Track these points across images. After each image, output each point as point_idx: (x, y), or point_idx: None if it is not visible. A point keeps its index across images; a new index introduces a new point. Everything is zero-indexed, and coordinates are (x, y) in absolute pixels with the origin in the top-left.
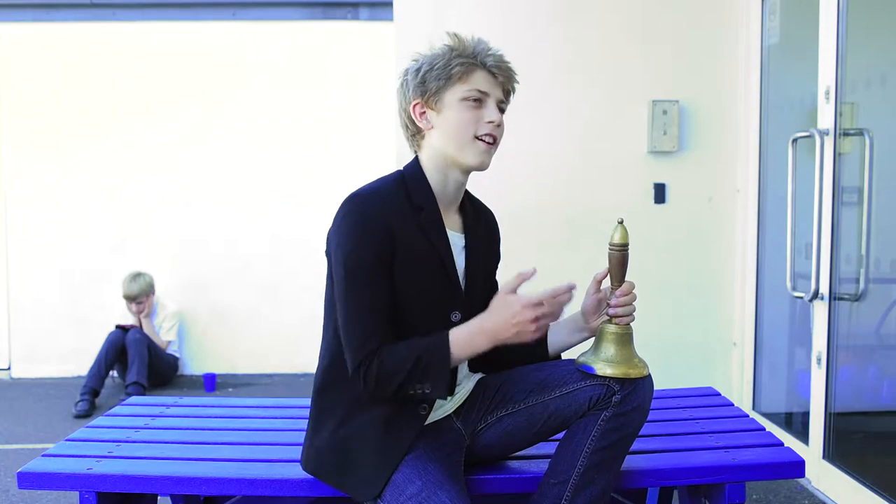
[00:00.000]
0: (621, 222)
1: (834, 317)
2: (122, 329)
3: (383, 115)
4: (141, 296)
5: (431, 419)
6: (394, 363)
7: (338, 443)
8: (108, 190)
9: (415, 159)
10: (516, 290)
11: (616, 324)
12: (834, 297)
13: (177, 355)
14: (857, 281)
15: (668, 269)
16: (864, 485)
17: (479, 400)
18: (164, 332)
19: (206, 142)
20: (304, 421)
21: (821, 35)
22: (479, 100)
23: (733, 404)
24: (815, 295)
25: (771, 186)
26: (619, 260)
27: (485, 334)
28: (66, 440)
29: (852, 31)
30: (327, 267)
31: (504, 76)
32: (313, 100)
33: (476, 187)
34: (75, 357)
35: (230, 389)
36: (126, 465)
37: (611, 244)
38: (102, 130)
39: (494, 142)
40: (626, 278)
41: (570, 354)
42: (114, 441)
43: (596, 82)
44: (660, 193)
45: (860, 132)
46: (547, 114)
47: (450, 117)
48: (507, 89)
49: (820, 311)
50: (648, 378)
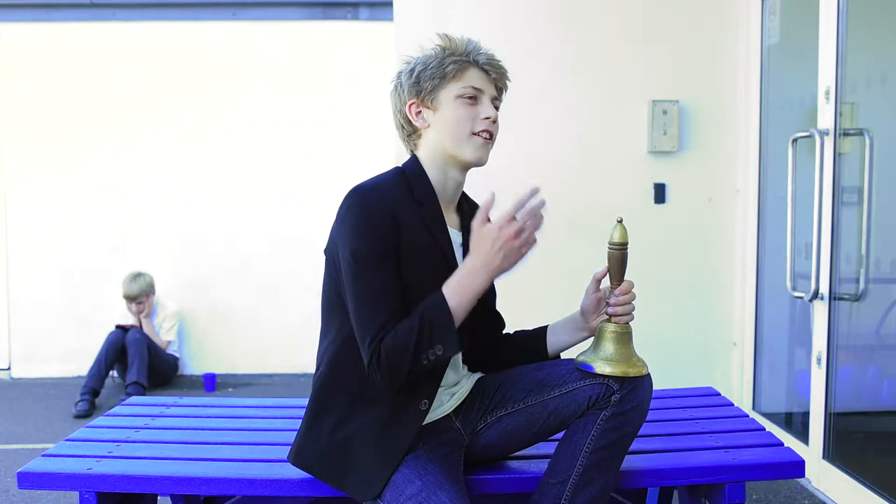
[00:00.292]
0: (620, 221)
1: (834, 317)
2: (122, 329)
3: (383, 115)
4: (141, 296)
5: (431, 419)
6: (398, 341)
7: (338, 443)
8: (108, 190)
9: (413, 157)
10: (487, 220)
11: (615, 323)
12: (834, 297)
13: (177, 355)
14: (857, 281)
15: (668, 269)
16: (864, 485)
17: (479, 400)
18: (164, 332)
19: (206, 142)
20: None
21: (821, 35)
22: (473, 97)
23: (733, 404)
24: (815, 295)
25: (771, 186)
26: (619, 259)
27: (476, 273)
28: (66, 440)
29: (852, 31)
30: (326, 266)
31: (496, 73)
32: (313, 100)
33: (476, 187)
34: (75, 357)
35: (230, 389)
36: (126, 465)
37: (610, 243)
38: (102, 130)
39: (491, 137)
40: (625, 277)
41: (570, 354)
42: (114, 441)
43: (596, 82)
44: (660, 193)
45: (860, 132)
46: (547, 114)
47: (446, 115)
48: (500, 87)
49: (820, 311)
50: (648, 377)
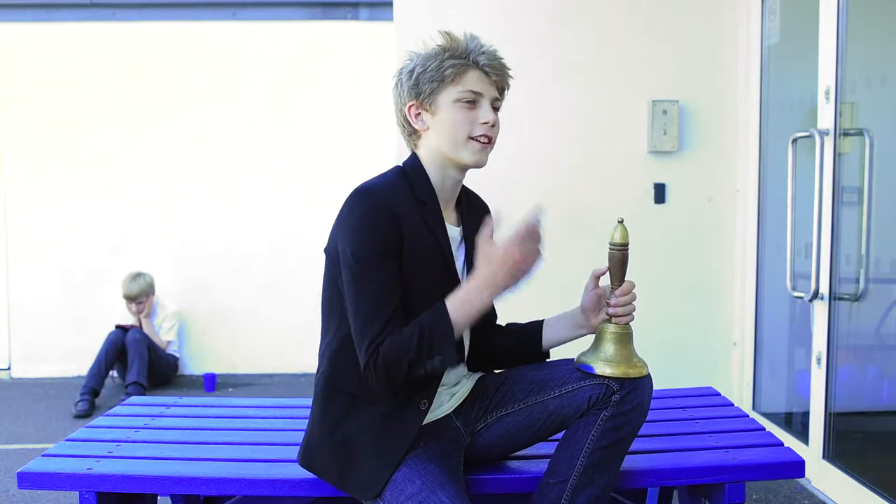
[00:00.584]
0: (621, 222)
1: (834, 317)
2: (122, 329)
3: (383, 115)
4: (141, 296)
5: (431, 419)
6: (397, 346)
7: (338, 442)
8: (108, 190)
9: (413, 156)
10: (491, 237)
11: (616, 323)
12: (834, 297)
13: (177, 355)
14: (857, 281)
15: (668, 269)
16: (864, 485)
17: (479, 399)
18: (164, 332)
19: (206, 142)
20: (303, 421)
21: (821, 35)
22: (472, 101)
23: (733, 404)
24: (815, 295)
25: (771, 186)
26: (619, 259)
27: (480, 290)
28: (66, 440)
29: (852, 31)
30: (325, 265)
31: (497, 74)
32: (313, 100)
33: (476, 188)
34: (75, 357)
35: (230, 389)
36: (126, 465)
37: (611, 244)
38: (102, 130)
39: (489, 141)
40: (626, 278)
41: (567, 351)
42: (114, 441)
43: (596, 82)
44: (660, 193)
45: (860, 132)
46: (547, 114)
47: (444, 119)
48: (502, 87)
49: (820, 311)
50: (648, 377)
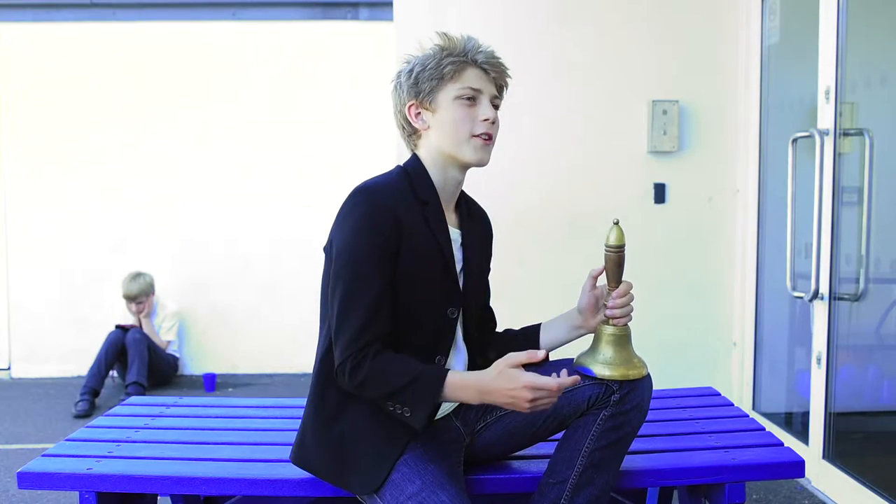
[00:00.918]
0: (617, 223)
1: (834, 317)
2: (122, 329)
3: (383, 115)
4: (141, 296)
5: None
6: (387, 373)
7: (336, 439)
8: (108, 190)
9: (414, 157)
10: (523, 365)
11: (613, 325)
12: (834, 297)
13: (177, 355)
14: (857, 281)
15: (668, 269)
16: (864, 485)
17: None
18: (163, 332)
19: (206, 142)
20: None
21: (821, 35)
22: (472, 97)
23: (733, 404)
24: (815, 295)
25: (771, 186)
26: (616, 261)
27: (479, 392)
28: (66, 440)
29: (852, 31)
30: (325, 262)
31: (496, 72)
32: (313, 100)
33: (476, 188)
34: (75, 357)
35: (230, 389)
36: (126, 465)
37: (607, 245)
38: (102, 130)
39: (490, 139)
40: (625, 278)
41: (566, 352)
42: (114, 441)
43: (596, 82)
44: (660, 193)
45: (860, 132)
46: (547, 113)
47: (445, 117)
48: (500, 85)
49: (820, 311)
50: (647, 377)
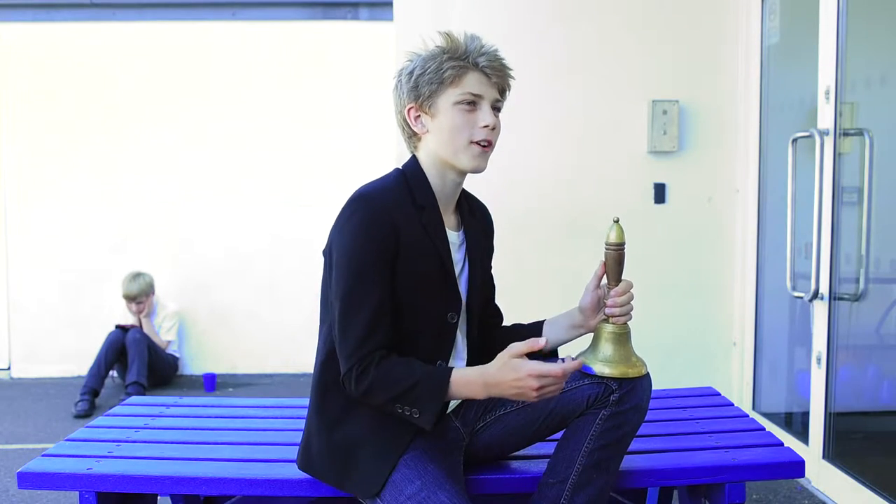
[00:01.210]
0: (617, 221)
1: (834, 317)
2: (122, 329)
3: (383, 115)
4: (141, 296)
5: None
6: (392, 378)
7: (337, 441)
8: (108, 190)
9: (413, 159)
10: (525, 354)
11: (613, 323)
12: (834, 297)
13: (177, 355)
14: (857, 281)
15: (668, 269)
16: (864, 485)
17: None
18: (163, 332)
19: (206, 142)
20: (303, 421)
21: (821, 35)
22: (472, 103)
23: (733, 404)
24: (815, 295)
25: (771, 186)
26: (616, 259)
27: (485, 386)
28: (66, 440)
29: (852, 31)
30: (324, 265)
31: (498, 76)
32: (313, 100)
33: (476, 188)
34: (75, 357)
35: (230, 389)
36: (126, 465)
37: (607, 244)
38: (102, 130)
39: (490, 145)
40: (625, 277)
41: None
42: (114, 441)
43: (596, 82)
44: (660, 193)
45: (860, 132)
46: (547, 114)
47: (444, 122)
48: (502, 88)
49: (820, 311)
50: (647, 377)
